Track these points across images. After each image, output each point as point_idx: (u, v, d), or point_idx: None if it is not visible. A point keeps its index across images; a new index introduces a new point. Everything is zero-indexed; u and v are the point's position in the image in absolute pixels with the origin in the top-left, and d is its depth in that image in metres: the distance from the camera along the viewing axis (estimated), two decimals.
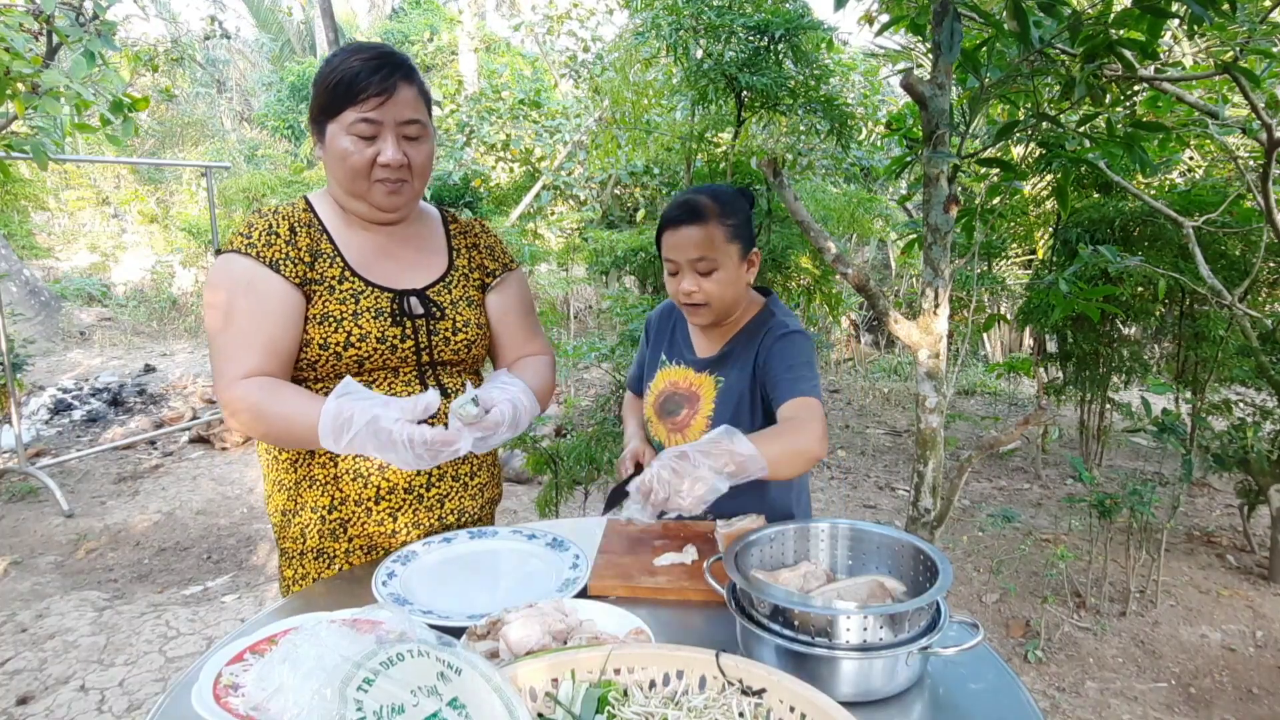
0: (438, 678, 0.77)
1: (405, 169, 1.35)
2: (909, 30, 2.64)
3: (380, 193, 1.36)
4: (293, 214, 1.39)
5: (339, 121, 1.31)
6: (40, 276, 9.75)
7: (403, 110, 1.32)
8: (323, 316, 1.35)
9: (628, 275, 5.46)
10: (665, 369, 1.68)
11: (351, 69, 1.30)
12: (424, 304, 1.43)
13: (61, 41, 3.28)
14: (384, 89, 1.30)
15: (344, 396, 1.23)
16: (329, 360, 1.35)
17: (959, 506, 4.27)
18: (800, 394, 1.42)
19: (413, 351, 1.40)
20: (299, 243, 1.36)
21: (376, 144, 1.32)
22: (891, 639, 0.95)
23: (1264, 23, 2.55)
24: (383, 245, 1.44)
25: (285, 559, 1.48)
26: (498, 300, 1.55)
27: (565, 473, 3.26)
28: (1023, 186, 3.83)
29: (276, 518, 1.47)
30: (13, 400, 4.61)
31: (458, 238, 1.55)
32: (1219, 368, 4.10)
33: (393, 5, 19.66)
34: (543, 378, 1.54)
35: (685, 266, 1.49)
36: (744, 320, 1.59)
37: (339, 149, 1.32)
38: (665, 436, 1.64)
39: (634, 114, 3.97)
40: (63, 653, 2.85)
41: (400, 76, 1.32)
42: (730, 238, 1.48)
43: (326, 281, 1.36)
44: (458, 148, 8.04)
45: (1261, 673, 2.82)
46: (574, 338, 7.52)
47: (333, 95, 1.31)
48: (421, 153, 1.37)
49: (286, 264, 1.33)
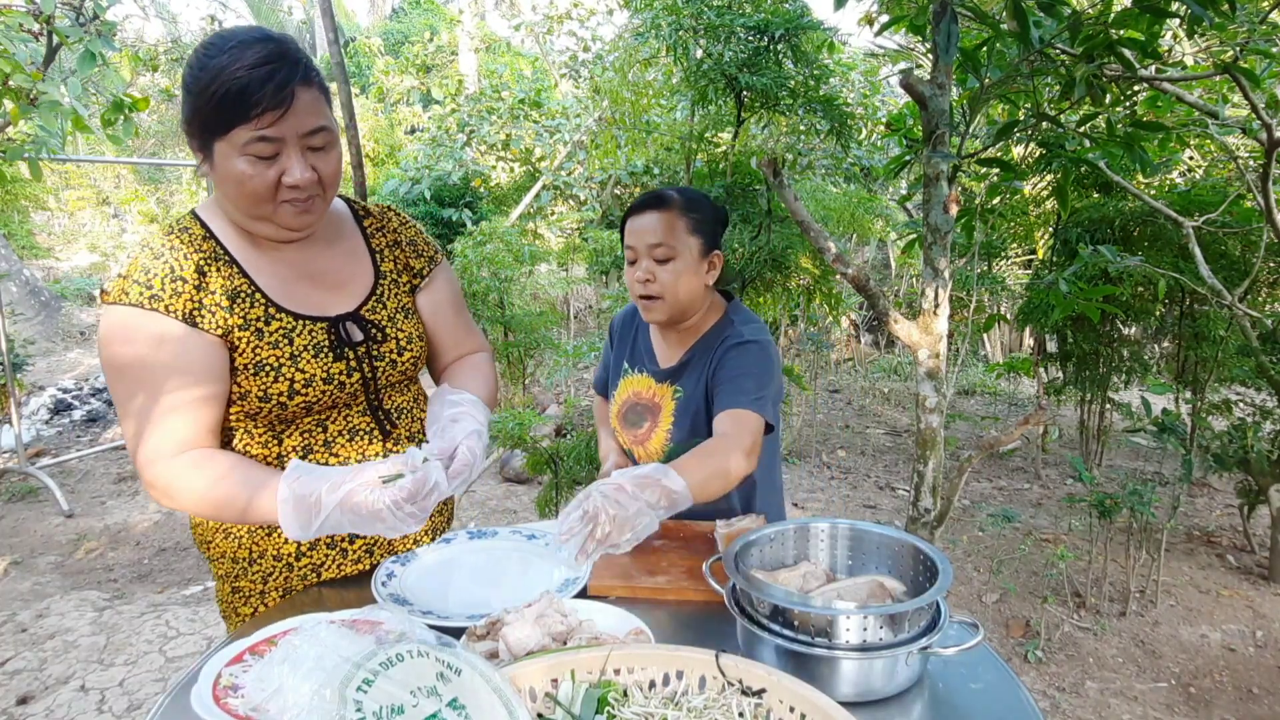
0: (437, 678, 0.77)
1: (315, 184, 1.17)
2: (909, 31, 2.64)
3: (288, 214, 1.18)
4: (192, 244, 1.18)
5: (229, 141, 1.10)
6: (40, 276, 9.75)
7: (305, 120, 1.12)
8: (256, 366, 1.19)
9: None
10: (628, 377, 1.66)
11: (238, 80, 1.07)
12: (361, 327, 1.28)
13: (61, 42, 3.28)
14: (281, 100, 1.09)
15: (299, 480, 1.08)
16: (272, 409, 1.22)
17: (959, 506, 4.27)
18: (735, 406, 1.39)
19: (360, 384, 1.28)
20: (211, 285, 1.17)
21: (279, 162, 1.13)
22: (891, 639, 0.95)
23: (1264, 23, 2.55)
24: (299, 265, 1.27)
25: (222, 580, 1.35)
26: (428, 300, 1.41)
27: (565, 473, 3.26)
28: (1023, 186, 3.83)
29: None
30: (13, 400, 4.61)
31: (376, 236, 1.38)
32: (1219, 368, 4.10)
33: (392, 5, 19.67)
34: (487, 380, 1.43)
35: (643, 253, 1.48)
36: (704, 328, 1.57)
37: (234, 172, 1.12)
38: (629, 446, 1.64)
39: (634, 114, 3.97)
40: (63, 653, 2.85)
41: (299, 81, 1.11)
42: (691, 230, 1.47)
43: (252, 325, 1.19)
44: (458, 148, 8.04)
45: (1261, 673, 2.81)
46: (574, 338, 7.52)
47: (218, 111, 1.09)
48: (330, 162, 1.19)
49: (203, 315, 1.15)
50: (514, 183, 8.49)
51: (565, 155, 7.68)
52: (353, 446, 1.29)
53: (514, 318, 5.27)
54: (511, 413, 3.33)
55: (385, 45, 12.69)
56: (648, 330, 1.65)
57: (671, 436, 1.55)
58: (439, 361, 1.46)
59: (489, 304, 5.18)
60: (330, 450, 1.27)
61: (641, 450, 1.61)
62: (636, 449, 1.62)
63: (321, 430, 1.27)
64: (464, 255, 5.02)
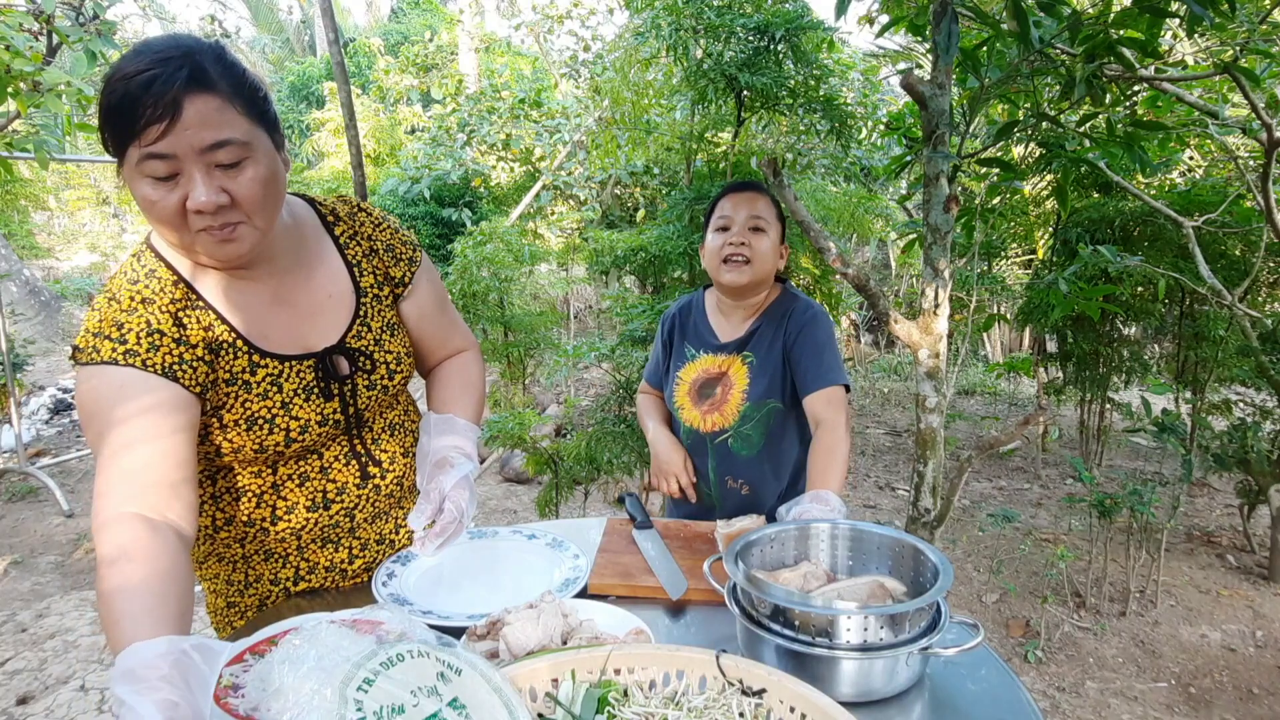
0: (438, 678, 0.77)
1: (230, 209, 1.01)
2: (909, 31, 2.64)
3: (208, 244, 1.03)
4: (162, 291, 1.07)
5: (128, 162, 0.98)
6: (40, 276, 9.75)
7: (200, 134, 0.96)
8: (249, 421, 1.12)
9: (628, 275, 5.46)
10: (695, 360, 1.78)
11: (117, 91, 0.94)
12: (350, 359, 1.20)
13: (61, 41, 3.28)
14: (161, 111, 0.94)
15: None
16: (268, 458, 1.17)
17: (959, 506, 4.27)
18: (825, 384, 1.60)
19: (344, 417, 1.21)
20: (190, 337, 1.07)
21: (181, 185, 0.98)
22: (892, 639, 0.95)
23: (1264, 23, 2.55)
24: (272, 292, 1.16)
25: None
26: (413, 307, 1.32)
27: (565, 473, 3.26)
28: (1023, 186, 3.83)
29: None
30: (13, 400, 4.61)
31: (350, 246, 1.25)
32: (1219, 368, 4.10)
33: (391, 6, 19.66)
34: (476, 386, 1.39)
35: (740, 223, 1.67)
36: (766, 303, 1.74)
37: (140, 197, 0.99)
38: (699, 419, 1.75)
39: (634, 114, 3.97)
40: (63, 653, 2.85)
41: (185, 87, 0.95)
42: (776, 216, 1.71)
43: (239, 379, 1.11)
44: (458, 147, 8.03)
45: (1261, 673, 2.81)
46: (574, 338, 7.52)
47: (110, 131, 0.97)
48: (246, 183, 1.01)
49: (184, 370, 1.05)
50: (514, 183, 8.49)
51: (565, 155, 7.67)
52: (348, 471, 1.26)
53: (514, 318, 5.27)
54: (511, 413, 3.33)
55: (385, 46, 12.69)
56: (704, 314, 1.81)
57: (747, 396, 1.70)
58: (426, 362, 1.41)
59: (489, 304, 5.18)
60: (327, 476, 1.24)
61: (717, 415, 1.73)
62: (710, 415, 1.73)
63: (317, 458, 1.23)
64: (464, 255, 5.01)
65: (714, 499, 1.77)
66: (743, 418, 1.70)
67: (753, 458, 1.71)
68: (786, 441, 1.72)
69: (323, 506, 1.24)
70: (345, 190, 7.96)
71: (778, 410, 1.69)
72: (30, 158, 3.33)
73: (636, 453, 3.22)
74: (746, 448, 1.71)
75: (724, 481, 1.75)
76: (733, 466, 1.73)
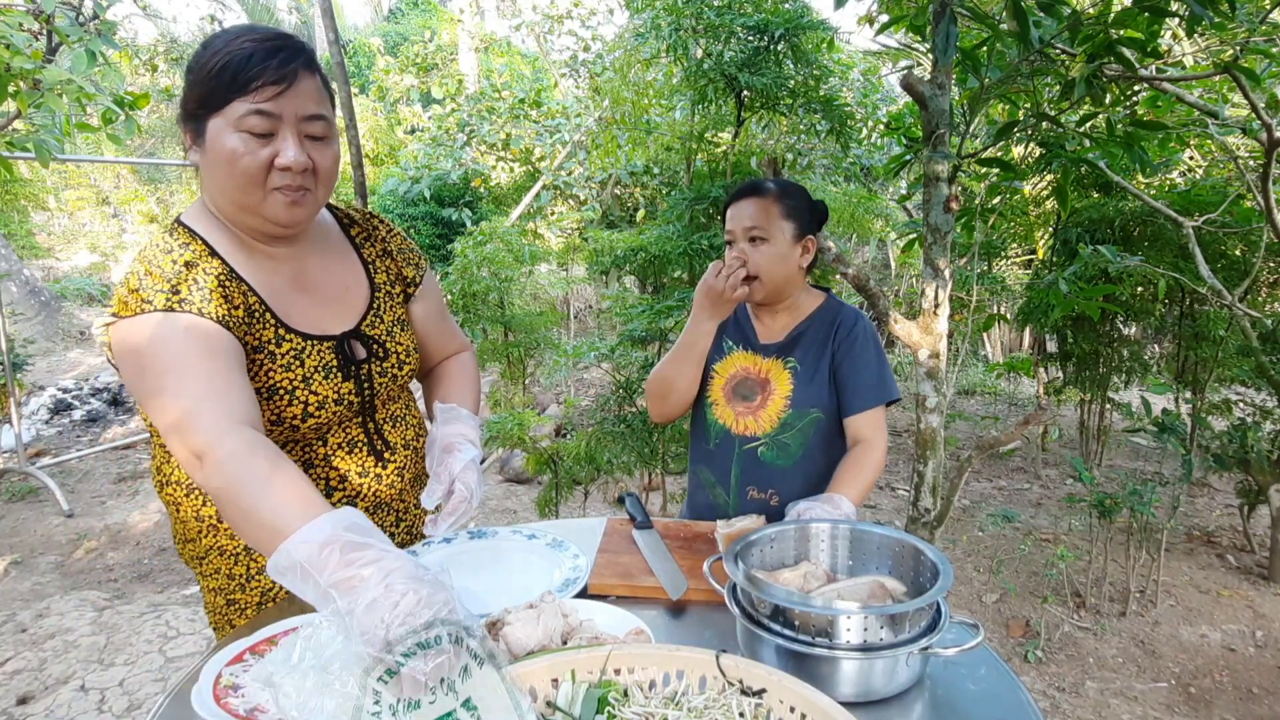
0: (462, 671, 0.77)
1: (309, 174, 1.13)
2: (908, 30, 2.64)
3: (278, 204, 1.12)
4: (196, 259, 1.13)
5: (225, 115, 1.07)
6: (40, 276, 9.75)
7: (305, 104, 1.10)
8: (270, 390, 1.17)
9: (628, 275, 5.46)
10: (733, 354, 1.73)
11: (242, 51, 1.07)
12: (365, 345, 1.27)
13: (61, 41, 3.28)
14: (282, 76, 1.07)
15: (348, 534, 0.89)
16: (283, 433, 1.20)
17: (959, 506, 4.27)
18: (873, 404, 1.58)
19: (359, 400, 1.27)
20: (233, 299, 1.14)
21: (273, 143, 1.09)
22: (892, 639, 0.95)
23: (1264, 23, 2.55)
24: (295, 276, 1.24)
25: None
26: (421, 309, 1.41)
27: (565, 473, 3.26)
28: (1023, 186, 3.82)
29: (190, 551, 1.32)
30: (13, 400, 4.61)
31: (366, 246, 1.35)
32: (1219, 368, 4.10)
33: (389, 6, 19.65)
34: (473, 384, 1.46)
35: (740, 236, 1.60)
36: (809, 309, 1.68)
37: (225, 150, 1.08)
38: (733, 419, 1.68)
39: (634, 114, 3.97)
40: (63, 653, 2.85)
41: (302, 64, 1.10)
42: (784, 215, 1.59)
43: (265, 348, 1.17)
44: (458, 147, 8.03)
45: (1261, 673, 2.81)
46: (574, 338, 7.52)
47: (217, 83, 1.07)
48: (327, 156, 1.15)
49: (234, 323, 1.12)
50: (514, 183, 8.49)
51: (565, 155, 7.67)
52: (351, 459, 1.29)
53: (514, 318, 5.26)
54: (511, 413, 3.33)
55: (384, 47, 12.69)
56: (746, 309, 1.75)
57: (791, 403, 1.64)
58: (425, 364, 1.48)
59: (489, 304, 5.17)
60: (329, 464, 1.27)
61: (753, 420, 1.66)
62: (747, 419, 1.67)
63: (322, 444, 1.26)
64: (464, 255, 5.01)
65: (730, 507, 1.68)
66: (783, 425, 1.63)
67: (789, 468, 1.64)
68: (823, 454, 1.64)
69: (325, 495, 1.25)
70: (345, 190, 7.97)
71: (820, 421, 1.62)
72: (30, 157, 3.32)
73: (636, 453, 3.22)
74: (783, 457, 1.64)
75: (745, 491, 1.67)
76: (759, 476, 1.66)
